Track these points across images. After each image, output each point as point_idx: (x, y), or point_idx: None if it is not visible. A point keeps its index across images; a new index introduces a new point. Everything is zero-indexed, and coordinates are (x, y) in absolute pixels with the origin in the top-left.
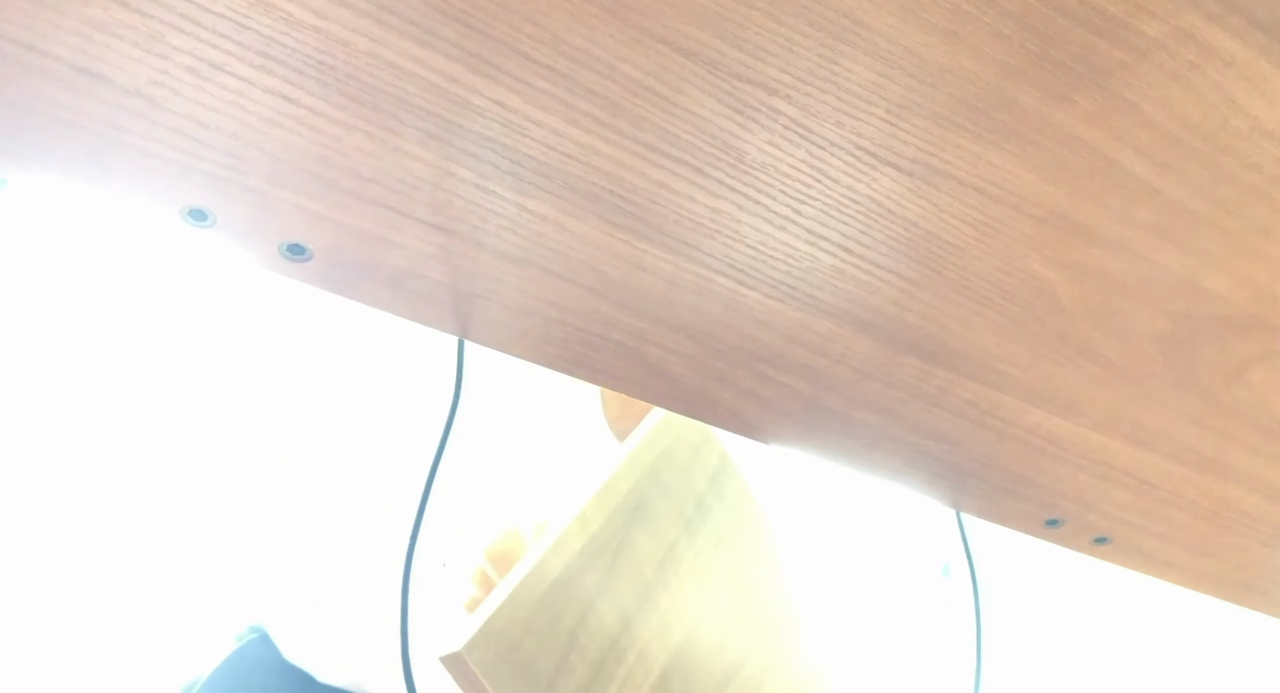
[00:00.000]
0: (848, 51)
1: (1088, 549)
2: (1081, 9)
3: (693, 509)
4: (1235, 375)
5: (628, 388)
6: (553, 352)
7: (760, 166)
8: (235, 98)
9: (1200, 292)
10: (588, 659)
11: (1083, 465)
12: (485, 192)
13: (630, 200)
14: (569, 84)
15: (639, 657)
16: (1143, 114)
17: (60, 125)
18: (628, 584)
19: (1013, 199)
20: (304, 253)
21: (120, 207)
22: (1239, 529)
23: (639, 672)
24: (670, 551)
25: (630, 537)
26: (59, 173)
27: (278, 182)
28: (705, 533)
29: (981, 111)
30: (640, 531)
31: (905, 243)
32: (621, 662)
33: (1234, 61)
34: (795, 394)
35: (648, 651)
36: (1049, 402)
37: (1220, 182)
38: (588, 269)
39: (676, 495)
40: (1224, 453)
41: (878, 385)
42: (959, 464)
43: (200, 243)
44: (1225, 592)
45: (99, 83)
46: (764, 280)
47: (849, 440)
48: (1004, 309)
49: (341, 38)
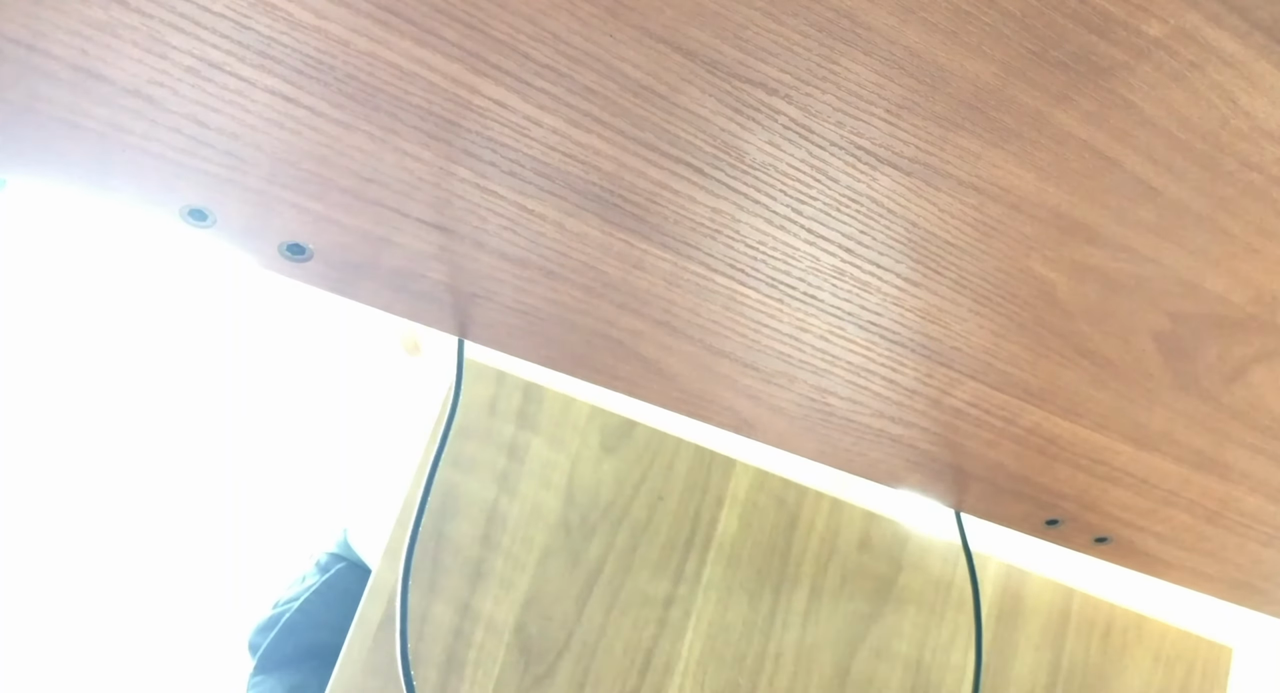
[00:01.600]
0: (848, 51)
1: (1088, 549)
2: (1081, 9)
3: (505, 460)
4: (1235, 375)
5: (627, 387)
6: (552, 352)
7: (760, 166)
8: (235, 98)
9: (1200, 292)
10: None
11: (1083, 465)
12: (485, 192)
13: (630, 200)
14: (569, 84)
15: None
16: (1143, 114)
17: (60, 125)
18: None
19: (1013, 199)
20: (304, 253)
21: (120, 206)
22: (1239, 529)
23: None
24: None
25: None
26: (59, 173)
27: (278, 182)
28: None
29: (981, 111)
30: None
31: (905, 243)
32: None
33: (1234, 61)
34: (794, 394)
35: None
36: (1049, 402)
37: (1220, 181)
38: (588, 269)
39: (483, 462)
40: (1224, 453)
41: (877, 385)
42: (959, 464)
43: (200, 243)
44: (1225, 592)
45: (99, 83)
46: (764, 280)
47: (849, 439)
48: (1004, 309)
49: (341, 38)
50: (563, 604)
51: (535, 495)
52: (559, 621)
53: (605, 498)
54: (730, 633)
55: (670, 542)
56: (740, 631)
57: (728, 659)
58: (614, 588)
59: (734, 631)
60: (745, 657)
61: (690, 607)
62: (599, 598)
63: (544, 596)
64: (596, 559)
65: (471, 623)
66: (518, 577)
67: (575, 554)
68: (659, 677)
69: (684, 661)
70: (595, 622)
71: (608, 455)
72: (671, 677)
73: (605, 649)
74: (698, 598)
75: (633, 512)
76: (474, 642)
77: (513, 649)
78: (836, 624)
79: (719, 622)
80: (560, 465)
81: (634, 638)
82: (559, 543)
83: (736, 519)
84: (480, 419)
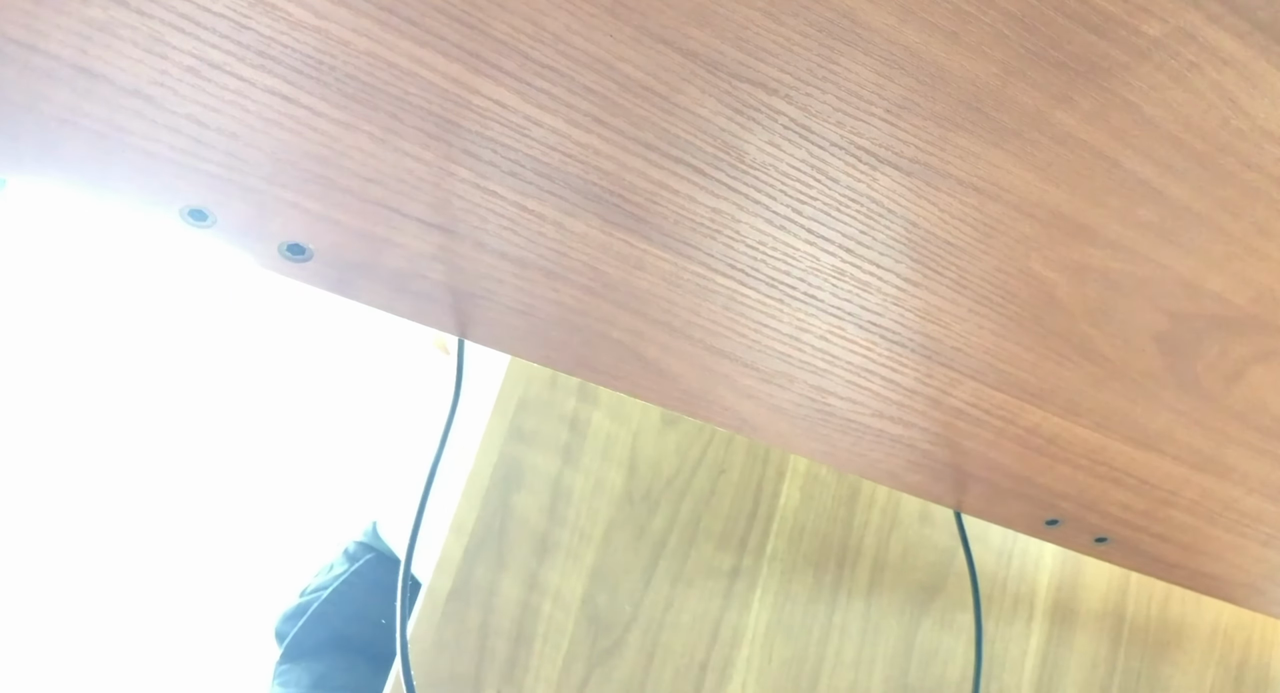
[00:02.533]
0: (848, 51)
1: (1088, 549)
2: (1081, 9)
3: (568, 433)
4: (1235, 375)
5: (627, 387)
6: (552, 352)
7: (760, 166)
8: (235, 98)
9: (1200, 292)
10: (505, 636)
11: (1083, 465)
12: (485, 192)
13: (630, 200)
14: (569, 84)
15: (555, 601)
16: (1143, 114)
17: (60, 125)
18: (523, 547)
19: (1013, 199)
20: (304, 253)
21: (120, 206)
22: (1239, 529)
23: (559, 615)
24: (556, 488)
25: (510, 505)
26: (59, 173)
27: (278, 182)
28: (588, 449)
29: (981, 111)
30: (519, 493)
31: (905, 243)
32: (538, 617)
33: (1234, 61)
34: (794, 394)
35: (560, 593)
36: (1049, 402)
37: (1220, 181)
38: (588, 269)
39: (546, 436)
40: (1224, 453)
41: (877, 385)
42: (959, 464)
43: (200, 243)
44: (1225, 592)
45: (99, 83)
46: (764, 280)
47: (849, 439)
48: (1004, 309)
49: (341, 38)
50: (629, 577)
51: (598, 469)
52: (626, 593)
53: (668, 471)
54: (795, 605)
55: (734, 514)
56: (805, 603)
57: (794, 630)
58: (679, 560)
59: (799, 602)
60: (811, 629)
61: (755, 579)
62: (664, 570)
63: (610, 568)
64: (661, 532)
65: (539, 596)
66: (584, 549)
67: (640, 527)
68: (727, 649)
69: (751, 632)
70: (662, 594)
71: (669, 428)
72: (739, 649)
73: (672, 622)
74: (763, 570)
75: (695, 484)
76: (542, 614)
77: (581, 622)
78: (900, 597)
79: (784, 593)
80: (622, 439)
81: (701, 610)
82: (623, 516)
83: (798, 491)
84: (542, 393)
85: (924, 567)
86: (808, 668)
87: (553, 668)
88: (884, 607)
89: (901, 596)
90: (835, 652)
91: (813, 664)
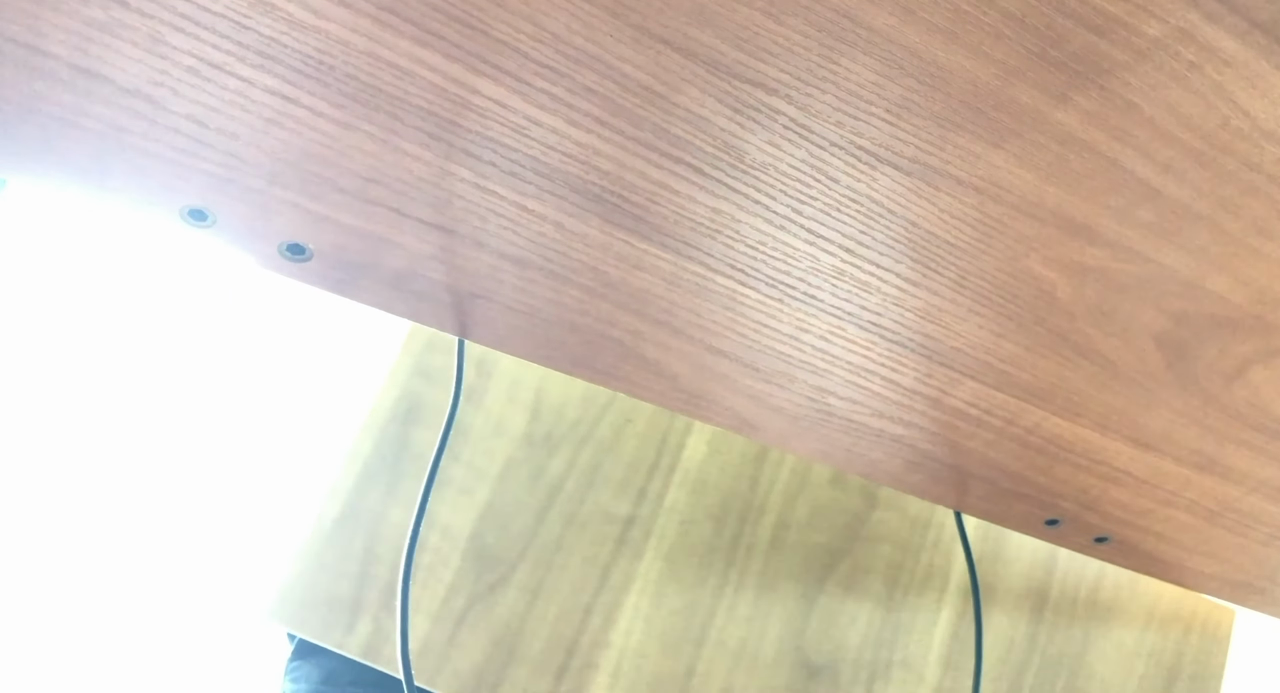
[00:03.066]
0: (848, 51)
1: (1088, 549)
2: (1081, 9)
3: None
4: (1235, 375)
5: (627, 387)
6: (552, 351)
7: (760, 166)
8: (235, 98)
9: (1200, 292)
10: (388, 564)
11: (1083, 465)
12: (485, 192)
13: (630, 200)
14: (569, 84)
15: (443, 535)
16: (1143, 114)
17: (60, 125)
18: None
19: (1013, 199)
20: (304, 253)
21: (120, 206)
22: (1239, 529)
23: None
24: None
25: (407, 438)
26: (59, 173)
27: (278, 182)
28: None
29: (981, 111)
30: (417, 428)
31: (905, 243)
32: (424, 548)
33: (1234, 61)
34: (794, 394)
35: (449, 527)
36: (1049, 402)
37: (1220, 181)
38: (588, 269)
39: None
40: (1224, 453)
41: (877, 385)
42: (960, 464)
43: (200, 243)
44: (1225, 592)
45: (99, 83)
46: (764, 280)
47: (849, 439)
48: (1004, 309)
49: (341, 38)
50: (521, 517)
51: (501, 409)
52: (516, 532)
53: (572, 416)
54: (691, 556)
55: (635, 463)
56: (702, 555)
57: (687, 582)
58: (574, 504)
59: (695, 554)
60: (705, 581)
61: (651, 528)
62: (558, 513)
63: (502, 507)
64: (558, 475)
65: (427, 528)
66: (477, 486)
67: (538, 468)
68: (614, 595)
69: (641, 579)
70: (553, 535)
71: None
72: (627, 595)
73: (561, 563)
74: (660, 519)
75: (599, 431)
76: (428, 547)
77: (467, 557)
78: (803, 556)
79: (680, 545)
80: (528, 382)
81: (591, 554)
82: (521, 456)
83: (705, 446)
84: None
85: (830, 529)
86: (698, 620)
87: (433, 599)
88: (784, 566)
89: (804, 556)
90: (729, 606)
91: (703, 617)
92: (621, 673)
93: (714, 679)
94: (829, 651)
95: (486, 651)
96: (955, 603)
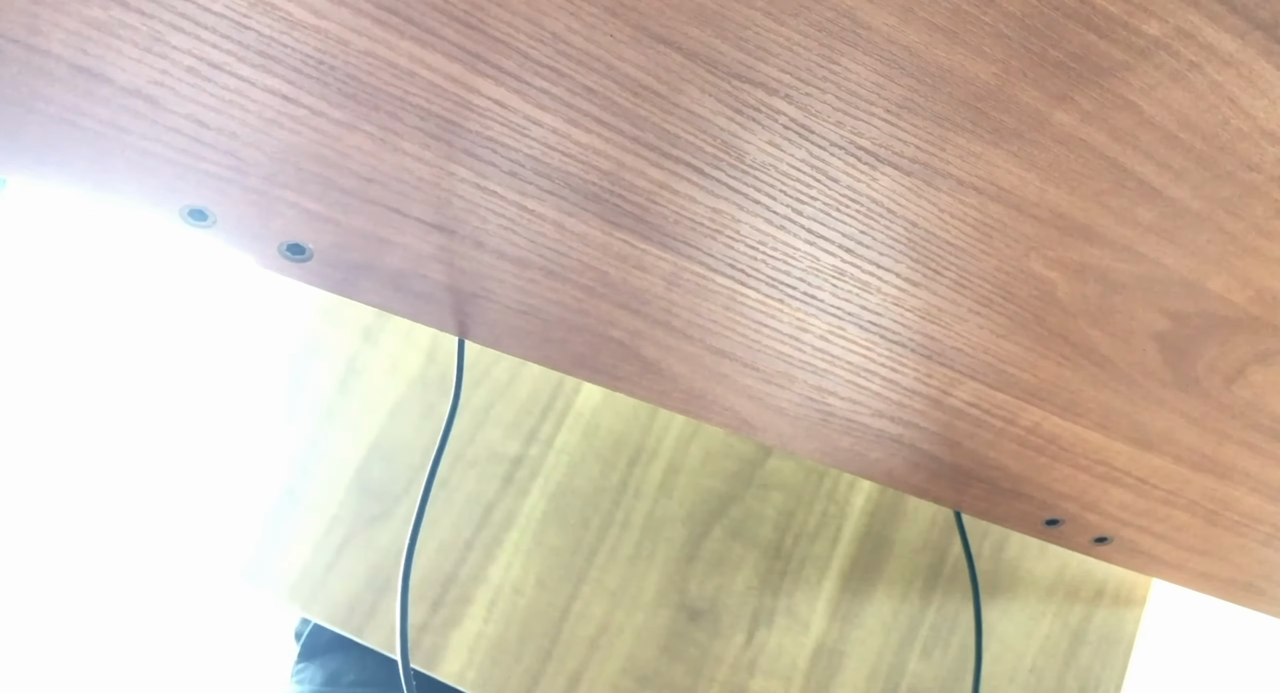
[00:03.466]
0: (848, 51)
1: (1088, 549)
2: (1081, 9)
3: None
4: (1235, 375)
5: (627, 387)
6: (552, 352)
7: (760, 166)
8: (235, 98)
9: (1200, 292)
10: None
11: (1083, 465)
12: (485, 192)
13: (630, 200)
14: (569, 84)
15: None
16: (1143, 114)
17: (60, 125)
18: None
19: (1013, 199)
20: (304, 253)
21: (120, 206)
22: (1239, 529)
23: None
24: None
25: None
26: (59, 173)
27: (278, 182)
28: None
29: (981, 111)
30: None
31: (905, 243)
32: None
33: (1234, 61)
34: (794, 394)
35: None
36: (1049, 402)
37: (1220, 181)
38: (588, 269)
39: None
40: (1224, 453)
41: (877, 385)
42: (959, 464)
43: (200, 243)
44: (1225, 592)
45: (99, 83)
46: (764, 280)
47: (849, 439)
48: (1004, 309)
49: (341, 38)
50: (408, 453)
51: (397, 351)
52: (403, 467)
53: (468, 358)
54: (577, 497)
55: (529, 405)
56: (589, 496)
57: (570, 521)
58: (463, 442)
59: (581, 495)
60: (589, 521)
61: (539, 468)
62: (447, 450)
63: (390, 442)
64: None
65: (314, 460)
66: (367, 423)
67: (429, 408)
68: (496, 530)
69: (525, 518)
70: (439, 472)
71: None
72: (509, 532)
73: (445, 499)
74: (548, 460)
75: (494, 373)
76: (313, 477)
77: (352, 489)
78: (692, 500)
79: (566, 484)
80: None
81: (476, 491)
82: (414, 395)
83: (600, 391)
84: None
85: (722, 475)
86: (579, 559)
87: (315, 530)
88: (673, 510)
89: (694, 501)
90: (611, 547)
91: (585, 557)
92: (496, 608)
93: (590, 618)
94: (711, 595)
95: (363, 581)
96: (848, 553)
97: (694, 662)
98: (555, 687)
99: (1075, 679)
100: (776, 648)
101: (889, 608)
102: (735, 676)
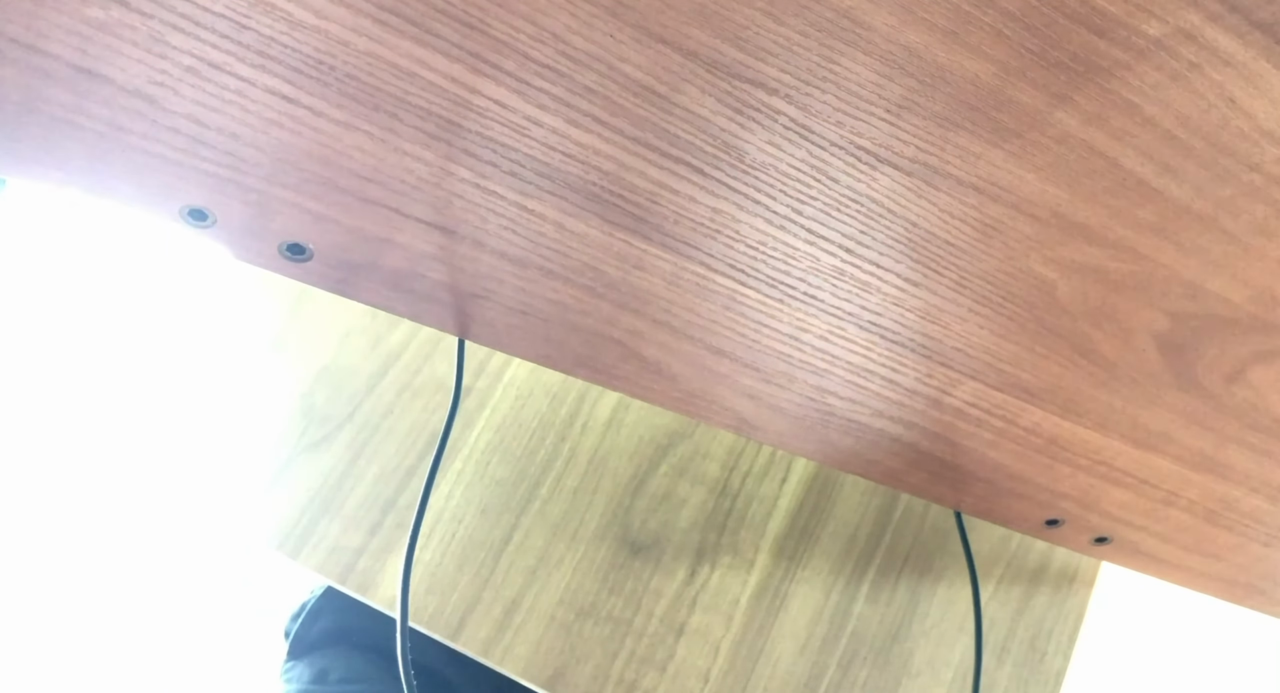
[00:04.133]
0: (848, 51)
1: (1088, 549)
2: (1081, 9)
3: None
4: (1235, 375)
5: (628, 387)
6: (552, 352)
7: (760, 166)
8: (235, 98)
9: (1200, 292)
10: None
11: (1083, 465)
12: (485, 192)
13: (630, 200)
14: (569, 84)
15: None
16: (1143, 114)
17: (60, 125)
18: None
19: (1013, 199)
20: (304, 253)
21: (120, 206)
22: (1239, 529)
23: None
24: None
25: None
26: (59, 173)
27: (278, 182)
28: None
29: (981, 111)
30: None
31: (905, 243)
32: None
33: (1234, 61)
34: (794, 394)
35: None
36: (1049, 402)
37: (1220, 181)
38: (588, 269)
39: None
40: (1224, 453)
41: (877, 385)
42: (960, 464)
43: (200, 243)
44: (1225, 592)
45: (99, 83)
46: (764, 280)
47: (849, 439)
48: (1004, 309)
49: (341, 38)
50: (354, 380)
51: None
52: (348, 394)
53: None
54: (523, 430)
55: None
56: (535, 429)
57: (516, 453)
58: (411, 374)
59: (528, 428)
60: (535, 454)
61: (487, 399)
62: (393, 379)
63: (337, 370)
64: (398, 345)
65: (260, 384)
66: (315, 350)
67: (377, 338)
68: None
69: (469, 448)
70: (384, 401)
71: None
72: (453, 461)
73: (389, 427)
74: (497, 392)
75: None
76: (260, 402)
77: (295, 415)
78: (639, 436)
79: (513, 418)
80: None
81: (421, 421)
82: (362, 326)
83: None
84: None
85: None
86: (521, 491)
87: (254, 454)
88: (619, 444)
89: (640, 436)
90: (556, 479)
91: (528, 488)
92: (435, 535)
93: (530, 549)
94: (655, 530)
95: (301, 505)
96: (796, 493)
97: (633, 595)
98: (490, 615)
99: (1027, 630)
100: (718, 585)
101: (836, 550)
102: (675, 611)
